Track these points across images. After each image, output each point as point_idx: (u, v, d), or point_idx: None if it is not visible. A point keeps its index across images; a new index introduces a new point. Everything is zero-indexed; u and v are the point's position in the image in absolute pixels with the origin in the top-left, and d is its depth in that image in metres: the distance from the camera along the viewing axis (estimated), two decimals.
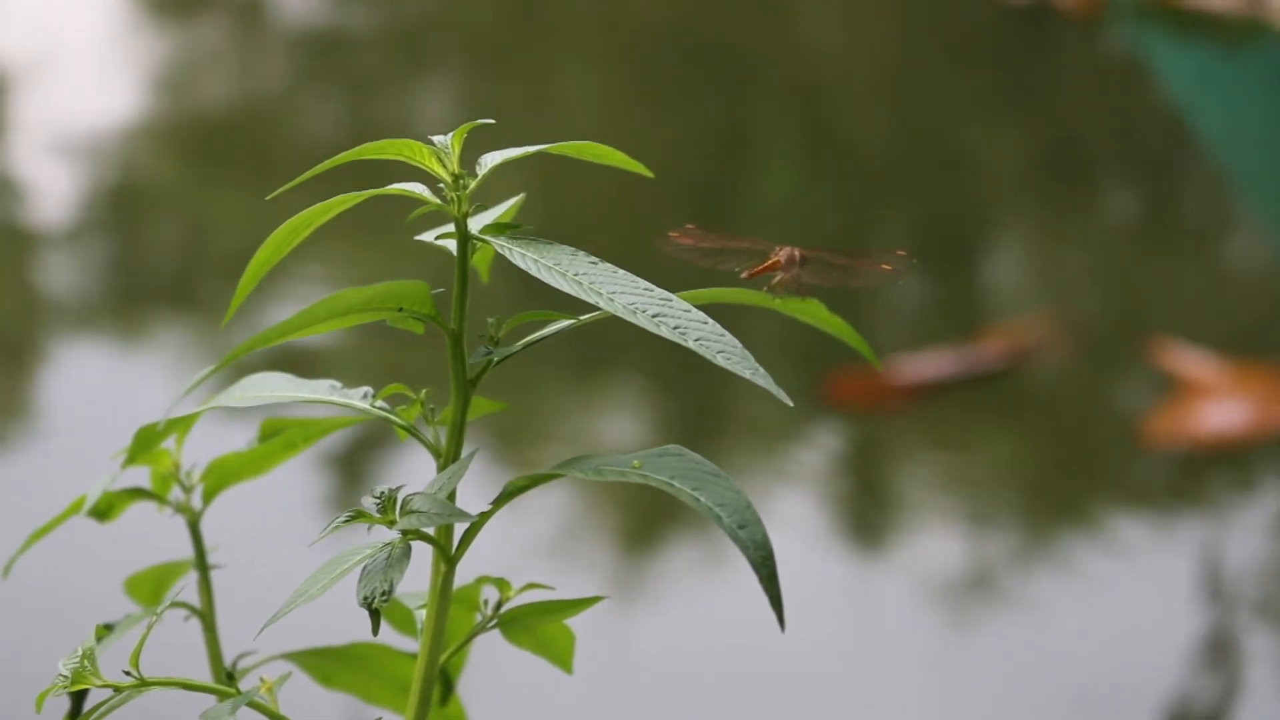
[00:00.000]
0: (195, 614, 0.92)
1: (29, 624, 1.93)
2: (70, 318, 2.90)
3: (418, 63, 4.35)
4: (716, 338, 0.73)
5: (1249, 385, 2.59)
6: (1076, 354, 2.75)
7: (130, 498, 0.92)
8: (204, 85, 4.10)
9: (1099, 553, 2.24)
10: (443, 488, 0.76)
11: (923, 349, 2.68)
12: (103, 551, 1.62)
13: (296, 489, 2.25)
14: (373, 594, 0.73)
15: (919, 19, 4.58)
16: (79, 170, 3.50)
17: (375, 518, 0.74)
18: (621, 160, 0.81)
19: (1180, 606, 2.11)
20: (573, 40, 4.50)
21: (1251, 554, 2.23)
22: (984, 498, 2.38)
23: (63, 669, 0.77)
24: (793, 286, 0.85)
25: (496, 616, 0.83)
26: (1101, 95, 4.10)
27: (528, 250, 0.77)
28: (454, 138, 0.79)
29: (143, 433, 0.88)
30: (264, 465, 0.93)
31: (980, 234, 3.39)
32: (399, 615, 0.89)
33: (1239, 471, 2.47)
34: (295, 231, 0.79)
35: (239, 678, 0.89)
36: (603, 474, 0.73)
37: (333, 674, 0.90)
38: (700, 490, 0.71)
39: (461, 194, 0.78)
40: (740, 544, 0.69)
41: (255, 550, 1.90)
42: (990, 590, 2.18)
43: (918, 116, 3.92)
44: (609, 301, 0.74)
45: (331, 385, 0.84)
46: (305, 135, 3.88)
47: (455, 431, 0.79)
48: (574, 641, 0.86)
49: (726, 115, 3.85)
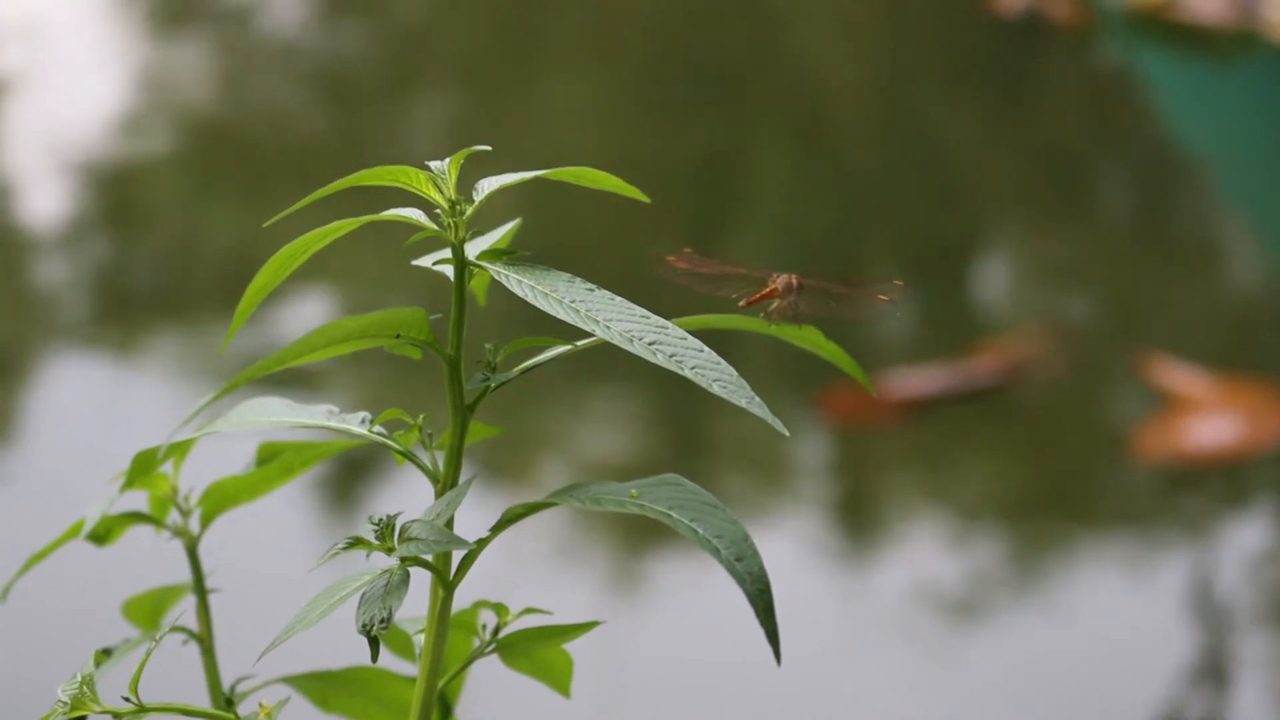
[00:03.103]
0: (194, 638, 0.93)
1: (27, 648, 1.93)
2: (61, 331, 2.90)
3: (409, 75, 4.35)
4: (712, 366, 0.73)
5: (1239, 400, 2.59)
6: (1069, 369, 2.75)
7: (128, 521, 0.92)
8: (196, 95, 4.10)
9: (1088, 568, 2.24)
10: (440, 514, 0.76)
11: (916, 364, 2.68)
12: (101, 575, 1.62)
13: (294, 513, 2.25)
14: (372, 621, 0.73)
15: (911, 32, 4.58)
16: (70, 179, 3.50)
17: (374, 544, 0.74)
18: (618, 186, 0.81)
19: (1170, 621, 2.11)
20: (564, 56, 4.50)
21: (1242, 569, 2.23)
22: (975, 513, 2.38)
23: (62, 695, 0.77)
24: (789, 314, 0.85)
25: (494, 641, 0.83)
26: (1093, 108, 4.11)
27: (525, 276, 0.77)
28: (451, 164, 0.79)
29: (141, 457, 0.88)
30: (262, 489, 0.93)
31: (972, 248, 3.39)
32: (397, 640, 0.89)
33: (1229, 486, 2.47)
34: (293, 256, 0.79)
35: (237, 702, 0.89)
36: (600, 503, 0.73)
37: (331, 698, 0.91)
38: (698, 521, 0.71)
39: (458, 220, 0.78)
40: (737, 577, 0.69)
41: (253, 574, 1.91)
42: (981, 605, 2.18)
43: (910, 129, 3.92)
44: (605, 329, 0.74)
45: (329, 410, 0.84)
46: (298, 145, 3.88)
47: (453, 457, 0.79)
48: (572, 666, 0.86)
49: (717, 130, 3.85)
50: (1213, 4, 4.32)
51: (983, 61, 4.42)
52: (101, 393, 2.64)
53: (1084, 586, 2.19)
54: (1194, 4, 4.34)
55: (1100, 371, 2.80)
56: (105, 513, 0.90)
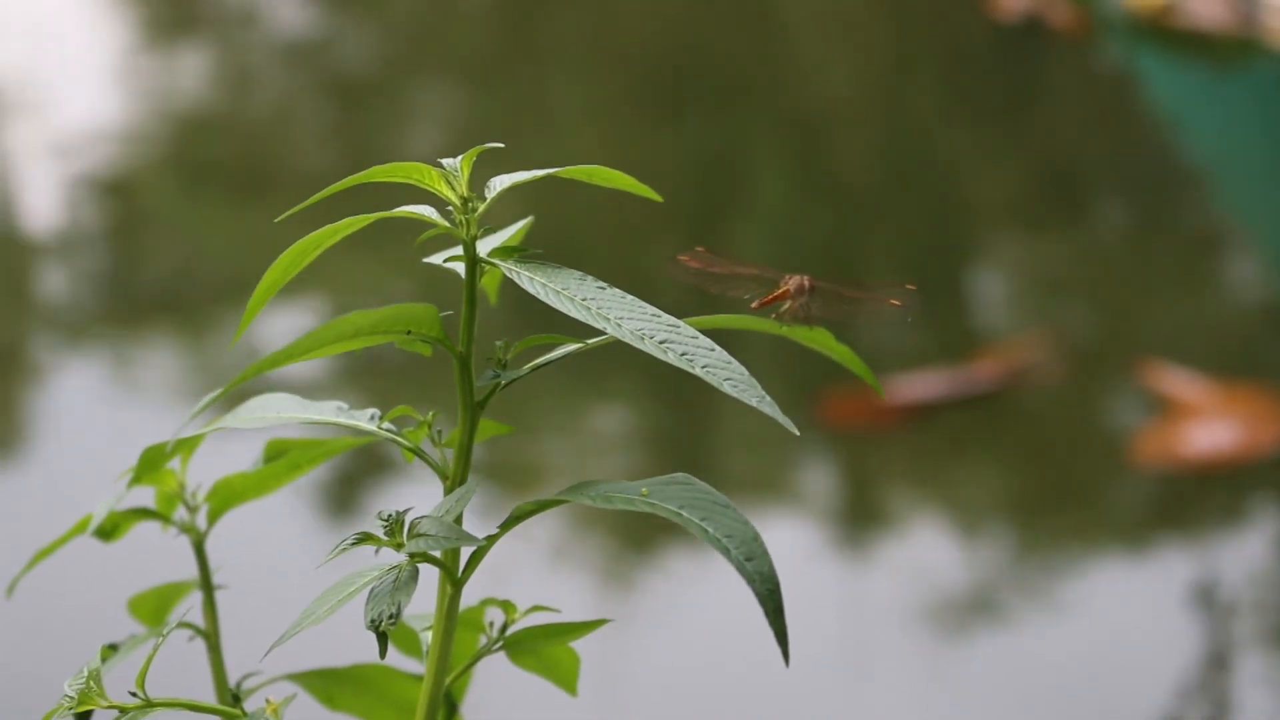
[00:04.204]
0: (200, 634, 0.92)
1: (34, 643, 1.93)
2: (68, 332, 2.89)
3: (413, 77, 4.35)
4: (723, 365, 0.73)
5: (1237, 406, 2.59)
6: (1069, 375, 2.75)
7: (135, 517, 0.92)
8: (199, 99, 4.10)
9: (1088, 572, 2.24)
10: (450, 511, 0.76)
11: (917, 369, 2.68)
12: (107, 571, 1.62)
13: (301, 510, 2.25)
14: (380, 616, 0.73)
15: (912, 37, 4.58)
16: (73, 183, 3.50)
17: (383, 540, 0.74)
18: (631, 184, 0.81)
19: (1171, 626, 2.11)
20: (567, 58, 4.50)
21: (1241, 574, 2.23)
22: (975, 518, 2.38)
23: (69, 689, 0.77)
24: (800, 315, 0.85)
25: (501, 639, 0.83)
26: (1093, 114, 4.11)
27: (536, 274, 0.77)
28: (463, 161, 0.78)
29: (149, 453, 0.88)
30: (269, 486, 0.92)
31: (972, 253, 3.39)
32: (404, 637, 0.89)
33: (1227, 492, 2.47)
34: (303, 253, 0.79)
35: (244, 699, 0.89)
36: (611, 501, 0.73)
37: (337, 695, 0.90)
38: (708, 520, 0.71)
39: (470, 217, 0.78)
40: (747, 576, 0.69)
41: (260, 571, 1.90)
42: (981, 610, 2.18)
43: (910, 135, 3.92)
44: (616, 327, 0.74)
45: (338, 406, 0.84)
46: (303, 149, 3.88)
47: (462, 454, 0.79)
48: (579, 664, 0.86)
49: (719, 135, 3.85)
50: (1212, 10, 4.32)
51: (983, 67, 4.42)
52: (108, 392, 2.63)
53: (1084, 590, 2.19)
54: (1193, 10, 4.34)
55: (1100, 377, 2.80)
56: (112, 508, 0.89)
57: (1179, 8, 4.37)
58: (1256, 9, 4.30)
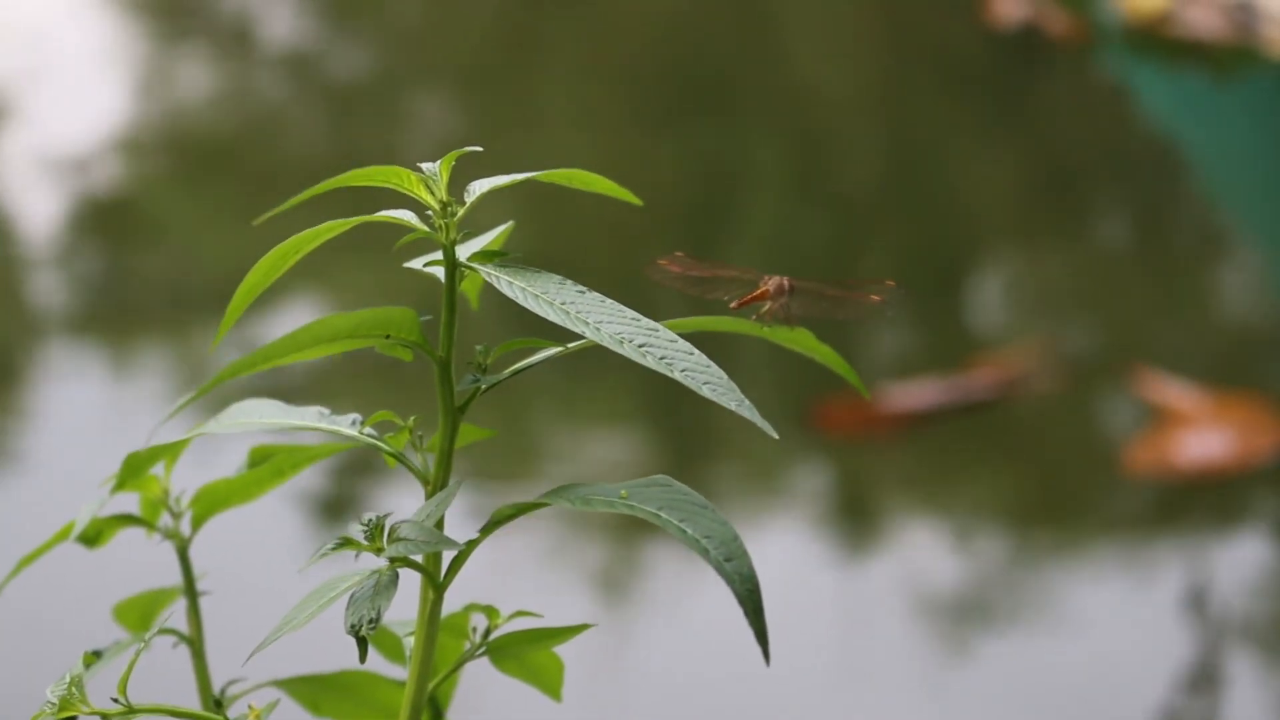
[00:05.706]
0: (184, 640, 0.92)
1: (16, 650, 1.93)
2: (57, 339, 2.89)
3: (405, 83, 4.35)
4: (702, 369, 0.73)
5: (1231, 415, 2.59)
6: (1065, 383, 2.75)
7: (119, 524, 0.92)
8: (192, 104, 4.10)
9: (1082, 580, 2.24)
10: (430, 515, 0.76)
11: (912, 378, 2.68)
12: (91, 578, 1.62)
13: (285, 515, 2.25)
14: (360, 621, 0.73)
15: (909, 46, 4.59)
16: (66, 189, 3.50)
17: (363, 545, 0.74)
18: (610, 188, 0.81)
19: (1165, 633, 2.11)
20: (561, 66, 4.51)
21: (1233, 582, 2.23)
22: (970, 526, 2.38)
23: (50, 696, 0.77)
24: (781, 316, 0.85)
25: (485, 644, 0.83)
26: (1090, 123, 4.11)
27: (515, 278, 0.77)
28: (442, 165, 0.79)
29: (132, 459, 0.88)
30: (253, 492, 0.92)
31: (969, 262, 3.39)
32: (387, 643, 0.89)
33: (1221, 501, 2.47)
34: (284, 257, 0.79)
35: (227, 705, 0.89)
36: (590, 504, 0.73)
37: (321, 702, 0.90)
38: (687, 522, 0.71)
39: (450, 221, 0.78)
40: (726, 577, 0.69)
41: (244, 577, 1.90)
42: (976, 617, 2.18)
43: (907, 143, 3.92)
44: (595, 331, 0.74)
45: (320, 412, 0.84)
46: (294, 154, 3.88)
47: (443, 459, 0.79)
48: (563, 669, 0.86)
49: (714, 141, 3.85)
50: (1210, 19, 4.32)
51: (980, 75, 4.42)
52: (97, 398, 2.63)
53: (1078, 598, 2.19)
54: (1191, 19, 4.34)
55: (1095, 386, 2.80)
56: (96, 515, 0.89)
57: (1177, 17, 4.37)
58: (1254, 18, 4.30)
